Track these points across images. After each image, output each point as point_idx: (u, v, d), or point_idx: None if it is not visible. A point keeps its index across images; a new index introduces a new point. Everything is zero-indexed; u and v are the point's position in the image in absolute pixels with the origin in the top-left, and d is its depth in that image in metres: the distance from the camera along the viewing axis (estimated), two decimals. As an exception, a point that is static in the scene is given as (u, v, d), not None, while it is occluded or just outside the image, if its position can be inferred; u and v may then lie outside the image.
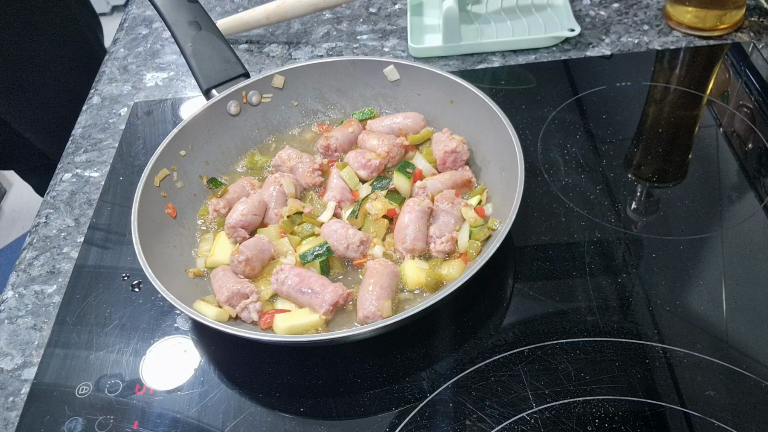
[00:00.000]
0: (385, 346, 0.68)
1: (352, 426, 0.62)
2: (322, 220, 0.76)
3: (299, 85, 0.88)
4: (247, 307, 0.69)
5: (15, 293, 0.80)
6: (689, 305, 0.67)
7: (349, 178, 0.79)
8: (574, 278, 0.71)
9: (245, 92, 0.86)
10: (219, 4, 1.23)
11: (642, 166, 0.84)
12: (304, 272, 0.69)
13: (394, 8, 1.13)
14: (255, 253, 0.72)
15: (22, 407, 0.68)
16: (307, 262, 0.71)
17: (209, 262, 0.74)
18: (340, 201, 0.77)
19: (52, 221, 0.88)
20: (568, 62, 0.97)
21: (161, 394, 0.68)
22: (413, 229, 0.71)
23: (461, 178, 0.77)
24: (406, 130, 0.83)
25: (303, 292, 0.68)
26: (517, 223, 0.77)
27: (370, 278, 0.67)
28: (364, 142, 0.83)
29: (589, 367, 0.63)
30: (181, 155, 0.81)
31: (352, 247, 0.71)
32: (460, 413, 0.62)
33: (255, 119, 0.88)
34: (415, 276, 0.69)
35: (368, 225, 0.75)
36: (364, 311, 0.65)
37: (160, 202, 0.76)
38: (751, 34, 0.96)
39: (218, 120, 0.84)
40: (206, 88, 0.85)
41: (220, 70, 0.86)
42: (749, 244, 0.71)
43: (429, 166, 0.80)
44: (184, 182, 0.80)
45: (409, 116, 0.84)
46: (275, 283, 0.70)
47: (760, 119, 0.84)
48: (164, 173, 0.78)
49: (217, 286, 0.70)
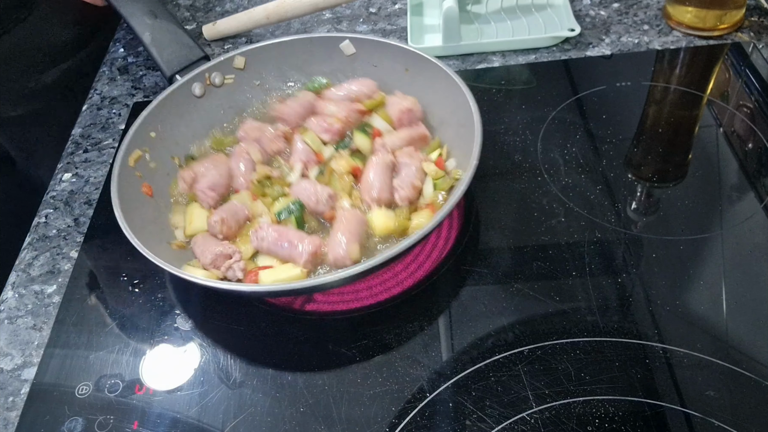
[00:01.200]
0: (385, 346, 0.68)
1: (351, 426, 0.62)
2: (290, 181, 0.80)
3: (260, 64, 0.92)
4: (231, 267, 0.71)
5: (15, 293, 0.80)
6: (689, 305, 0.67)
7: (312, 141, 0.83)
8: (574, 278, 0.71)
9: (208, 74, 0.89)
10: (219, 4, 1.23)
11: (642, 166, 0.83)
12: (282, 228, 0.73)
13: (394, 8, 1.13)
14: (229, 214, 0.75)
15: (22, 407, 0.68)
16: (282, 219, 0.75)
17: (188, 231, 0.77)
18: (305, 162, 0.81)
19: (52, 221, 0.88)
20: (568, 62, 0.97)
21: (161, 394, 0.68)
22: (379, 180, 0.75)
23: (418, 133, 0.82)
24: (361, 96, 0.87)
25: (282, 246, 0.71)
26: (517, 223, 0.77)
27: (338, 225, 0.72)
28: (322, 108, 0.87)
29: (589, 367, 0.63)
30: (151, 137, 0.83)
31: (321, 202, 0.75)
32: (460, 413, 0.62)
33: (220, 100, 0.91)
34: (383, 222, 0.73)
35: (335, 182, 0.79)
36: (333, 254, 0.70)
37: (136, 183, 0.79)
38: (751, 34, 0.96)
39: (184, 102, 0.87)
40: (169, 75, 0.88)
41: (181, 56, 0.89)
42: (749, 244, 0.71)
43: (386, 125, 0.84)
44: (157, 163, 0.83)
45: (362, 83, 0.88)
46: (255, 240, 0.73)
47: (761, 119, 0.84)
48: (138, 154, 0.80)
49: (199, 251, 0.73)
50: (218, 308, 0.74)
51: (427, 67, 0.83)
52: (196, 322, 0.74)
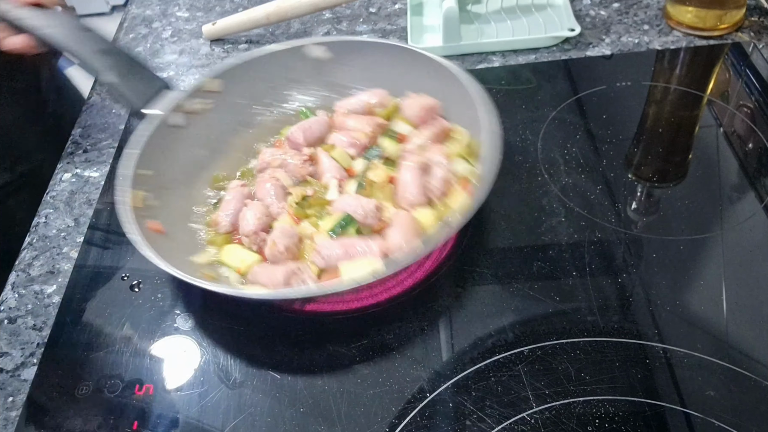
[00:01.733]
0: (385, 346, 0.68)
1: (351, 426, 0.62)
2: (329, 198, 0.77)
3: (241, 83, 0.87)
4: (303, 281, 0.69)
5: (15, 293, 0.80)
6: (689, 305, 0.67)
7: (341, 157, 0.81)
8: (574, 278, 0.71)
9: (185, 103, 0.83)
10: (219, 4, 1.23)
11: (642, 166, 0.83)
12: (344, 240, 0.71)
13: (394, 8, 1.13)
14: (289, 239, 0.72)
15: (22, 407, 0.68)
16: (336, 235, 0.72)
17: (244, 270, 0.73)
18: (340, 179, 0.79)
19: (52, 221, 0.88)
20: (568, 62, 0.97)
21: (161, 394, 0.68)
22: (414, 185, 0.74)
23: (440, 128, 0.81)
24: (375, 106, 0.86)
25: (351, 255, 0.69)
26: (517, 223, 0.77)
27: (395, 228, 0.70)
28: (343, 123, 0.85)
29: (589, 367, 0.63)
30: (146, 175, 0.77)
31: (369, 215, 0.73)
32: (460, 413, 0.62)
33: (204, 126, 0.85)
34: (429, 221, 0.72)
35: (376, 193, 0.77)
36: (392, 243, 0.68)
37: (143, 222, 0.73)
38: (751, 34, 0.96)
39: (168, 136, 0.81)
40: (139, 110, 0.82)
41: (145, 90, 0.83)
42: (749, 244, 0.71)
43: (408, 127, 0.83)
44: (161, 201, 0.77)
45: (374, 93, 0.87)
46: (321, 260, 0.70)
47: (761, 119, 0.84)
48: (140, 195, 0.74)
49: (266, 278, 0.70)
50: (218, 308, 0.74)
51: (416, 59, 0.83)
52: (196, 322, 0.74)
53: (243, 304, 0.75)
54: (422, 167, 0.76)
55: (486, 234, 0.77)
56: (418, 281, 0.73)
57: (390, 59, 0.86)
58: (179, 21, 1.21)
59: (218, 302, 0.75)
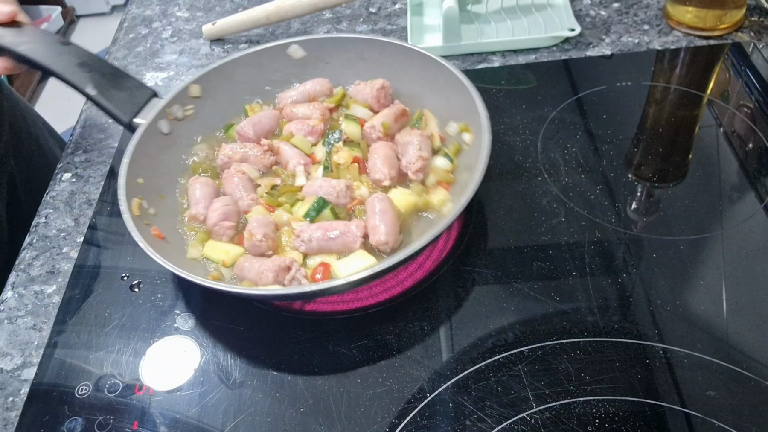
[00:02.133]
0: (385, 346, 0.68)
1: (351, 426, 0.62)
2: (298, 184, 0.79)
3: (218, 88, 0.89)
4: (295, 278, 0.69)
5: (15, 293, 0.80)
6: (689, 305, 0.67)
7: (302, 144, 0.83)
8: (574, 278, 0.71)
9: (168, 110, 0.84)
10: (219, 4, 1.23)
11: (642, 166, 0.83)
12: (323, 223, 0.72)
13: (394, 8, 1.13)
14: (266, 228, 0.73)
15: (22, 407, 0.68)
16: (312, 219, 0.74)
17: (229, 262, 0.73)
18: (305, 165, 0.81)
19: (52, 221, 0.88)
20: (568, 62, 0.97)
21: (161, 394, 0.68)
22: (382, 158, 0.76)
23: (398, 109, 0.84)
24: (317, 94, 0.88)
25: (331, 238, 0.70)
26: (517, 223, 0.77)
27: (371, 212, 0.71)
28: (292, 113, 0.87)
29: (589, 367, 0.63)
30: (139, 183, 0.78)
31: (341, 195, 0.75)
32: (460, 413, 0.62)
33: (188, 131, 0.87)
34: (405, 200, 0.73)
35: (342, 173, 0.79)
36: (375, 239, 0.70)
37: (146, 230, 0.74)
38: (751, 34, 0.96)
39: (155, 143, 0.82)
40: (128, 121, 0.82)
41: (131, 99, 0.84)
42: (749, 244, 0.71)
43: (366, 110, 0.85)
44: (155, 208, 0.78)
45: (316, 82, 0.89)
46: (302, 245, 0.71)
47: (761, 119, 0.84)
48: (137, 203, 0.75)
49: (255, 275, 0.69)
50: (218, 308, 0.74)
51: (384, 48, 0.86)
52: (196, 322, 0.74)
53: (243, 304, 0.75)
54: (391, 147, 0.78)
55: (486, 234, 0.77)
56: (418, 281, 0.73)
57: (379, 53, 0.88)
58: (179, 21, 1.21)
59: (218, 302, 0.75)
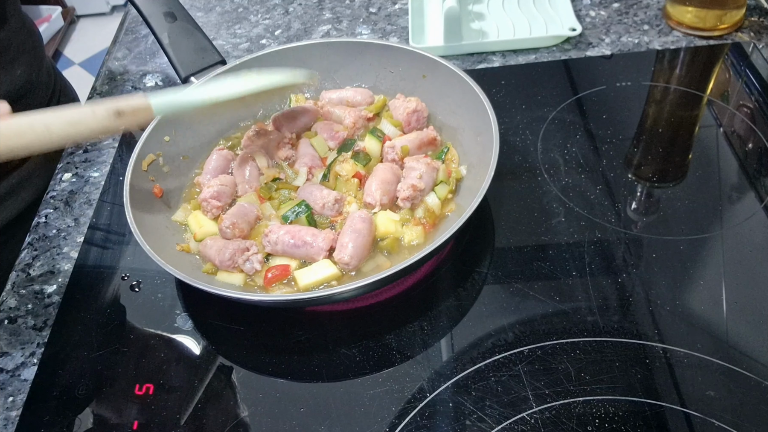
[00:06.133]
0: (385, 346, 0.68)
1: (351, 426, 0.62)
2: (296, 184, 0.80)
3: None
4: (249, 259, 0.71)
5: (15, 293, 0.80)
6: (689, 305, 0.67)
7: (320, 146, 0.83)
8: (574, 278, 0.71)
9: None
10: (219, 4, 1.23)
11: (642, 166, 0.83)
12: (293, 227, 0.73)
13: (395, 8, 1.13)
14: (240, 218, 0.74)
15: (22, 407, 0.68)
16: (290, 221, 0.74)
17: (199, 235, 0.76)
18: (311, 167, 0.81)
19: (52, 221, 0.88)
20: (568, 62, 0.97)
21: (161, 394, 0.68)
22: (380, 183, 0.75)
23: (427, 136, 0.82)
24: (356, 103, 0.88)
25: (297, 246, 0.71)
26: (517, 223, 0.77)
27: (346, 228, 0.71)
28: (329, 114, 0.87)
29: (589, 367, 0.63)
30: (165, 141, 0.82)
31: (327, 206, 0.75)
32: (460, 413, 0.62)
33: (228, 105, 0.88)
34: (384, 226, 0.73)
35: (340, 186, 0.79)
36: (339, 257, 0.69)
37: (149, 186, 0.79)
38: (751, 34, 0.96)
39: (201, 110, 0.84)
40: (185, 76, 0.88)
41: (197, 59, 0.89)
42: (749, 244, 0.71)
43: (395, 129, 0.84)
44: (170, 167, 0.82)
45: (357, 92, 0.89)
46: (268, 245, 0.72)
47: (761, 119, 0.84)
48: (151, 158, 0.80)
49: (215, 252, 0.72)
50: (218, 308, 0.74)
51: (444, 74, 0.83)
52: (196, 322, 0.74)
53: (243, 303, 0.75)
54: (394, 171, 0.77)
55: (486, 234, 0.77)
56: (418, 281, 0.73)
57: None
58: (179, 21, 1.21)
59: (218, 302, 0.75)
